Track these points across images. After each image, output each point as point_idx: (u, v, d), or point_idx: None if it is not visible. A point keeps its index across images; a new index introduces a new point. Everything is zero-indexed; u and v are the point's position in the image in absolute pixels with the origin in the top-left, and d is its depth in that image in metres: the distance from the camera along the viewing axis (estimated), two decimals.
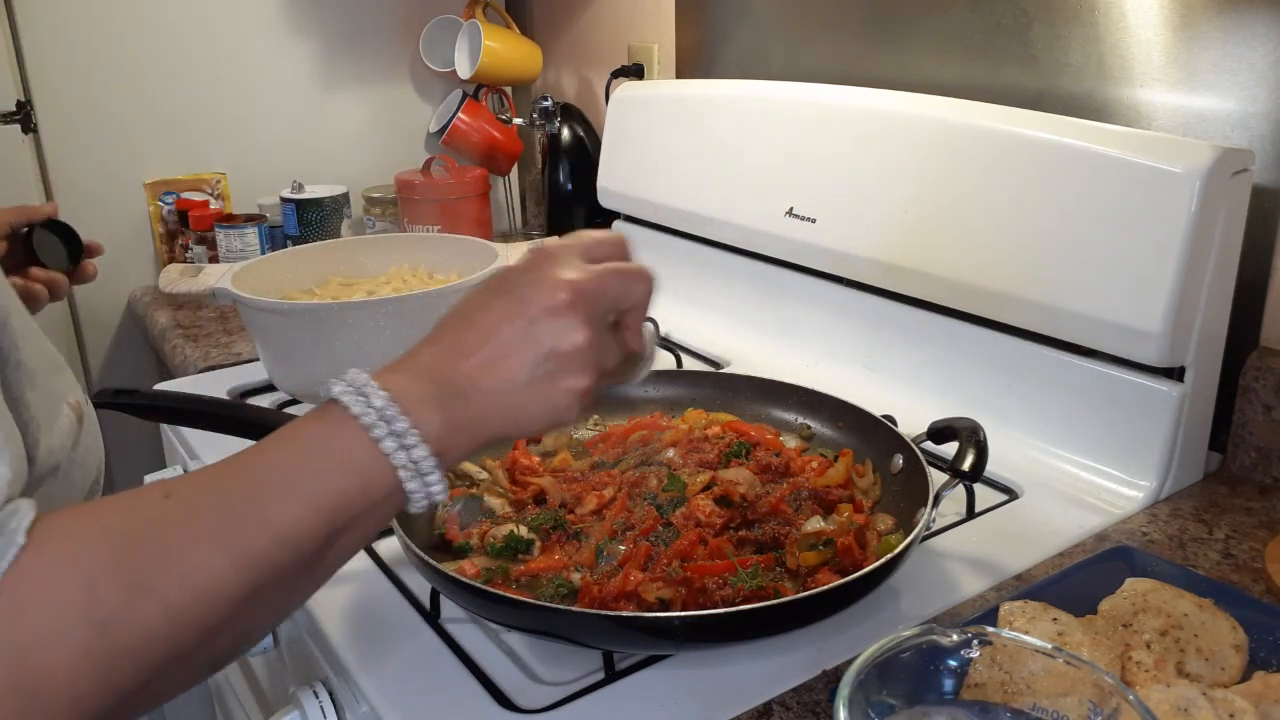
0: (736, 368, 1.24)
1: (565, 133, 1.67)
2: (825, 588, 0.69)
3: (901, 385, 1.12)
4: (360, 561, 0.86)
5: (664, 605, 0.71)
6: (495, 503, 0.87)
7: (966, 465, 0.79)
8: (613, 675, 0.71)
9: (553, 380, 0.57)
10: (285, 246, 1.56)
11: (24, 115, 1.62)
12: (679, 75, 1.62)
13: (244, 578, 0.47)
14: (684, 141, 1.39)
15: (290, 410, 1.10)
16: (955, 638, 0.56)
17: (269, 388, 1.21)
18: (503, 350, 0.56)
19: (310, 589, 0.54)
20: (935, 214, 1.06)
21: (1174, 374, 0.91)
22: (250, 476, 0.50)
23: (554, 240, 0.62)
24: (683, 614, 0.69)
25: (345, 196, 1.79)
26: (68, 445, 0.60)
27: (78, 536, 0.45)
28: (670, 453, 0.92)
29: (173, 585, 0.45)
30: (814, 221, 1.19)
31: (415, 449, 0.51)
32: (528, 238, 1.96)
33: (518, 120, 1.81)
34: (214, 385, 1.25)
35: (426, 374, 0.55)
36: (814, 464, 0.90)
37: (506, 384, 0.56)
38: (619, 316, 0.63)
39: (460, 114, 1.86)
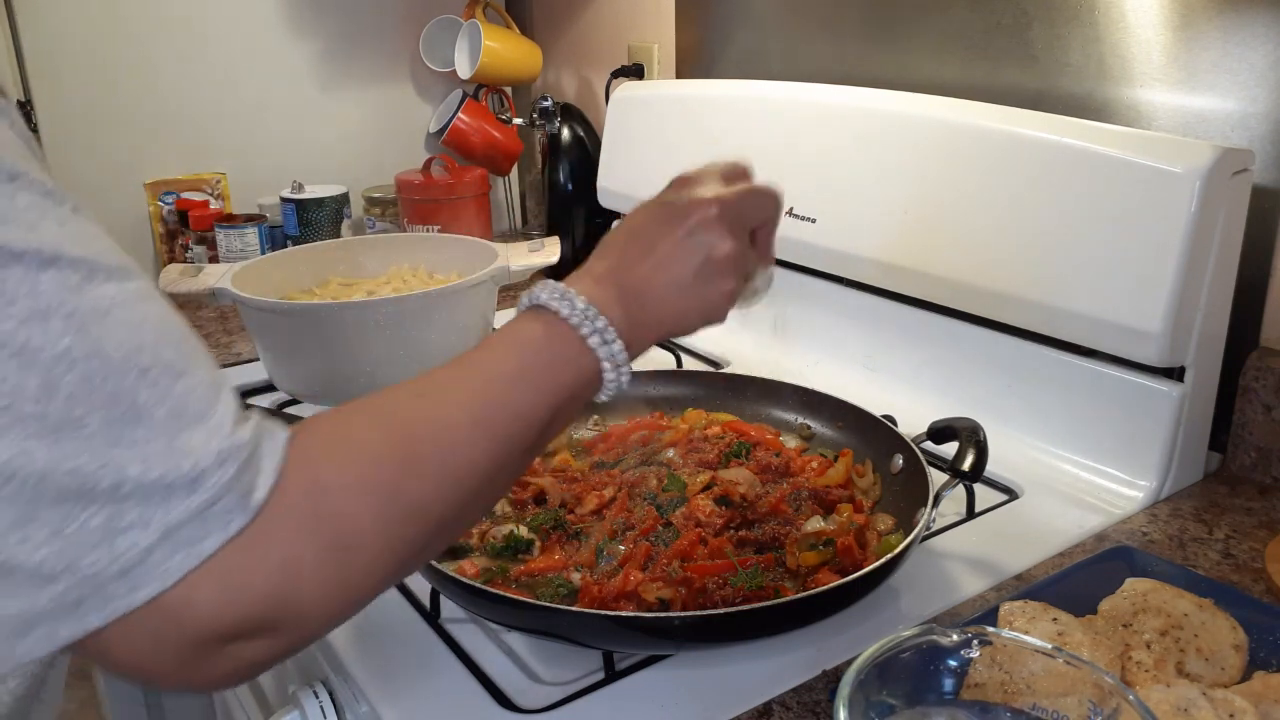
0: (736, 368, 1.24)
1: (565, 133, 1.67)
2: (825, 588, 0.69)
3: (901, 385, 1.12)
4: None
5: (664, 605, 0.71)
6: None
7: (966, 465, 0.79)
8: (613, 675, 0.71)
9: (709, 283, 0.65)
10: (285, 246, 1.56)
11: (24, 115, 1.62)
12: (679, 75, 1.62)
13: (495, 457, 0.54)
14: (684, 141, 1.39)
15: (290, 410, 1.10)
16: (955, 638, 0.56)
17: (269, 388, 1.21)
18: (667, 258, 0.64)
19: (530, 463, 0.61)
20: (935, 214, 1.06)
21: (1174, 374, 0.91)
22: (492, 373, 0.57)
23: (693, 168, 0.72)
24: (683, 614, 0.69)
25: (345, 196, 1.79)
26: None
27: (351, 427, 0.51)
28: (670, 453, 0.92)
29: (439, 464, 0.52)
30: (814, 221, 1.19)
31: (614, 344, 0.60)
32: (527, 238, 1.96)
33: (518, 120, 1.81)
34: None
35: (609, 280, 0.63)
36: (814, 464, 0.90)
37: (673, 287, 0.64)
38: (754, 230, 0.70)
39: (460, 114, 1.86)
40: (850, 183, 1.15)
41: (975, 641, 0.56)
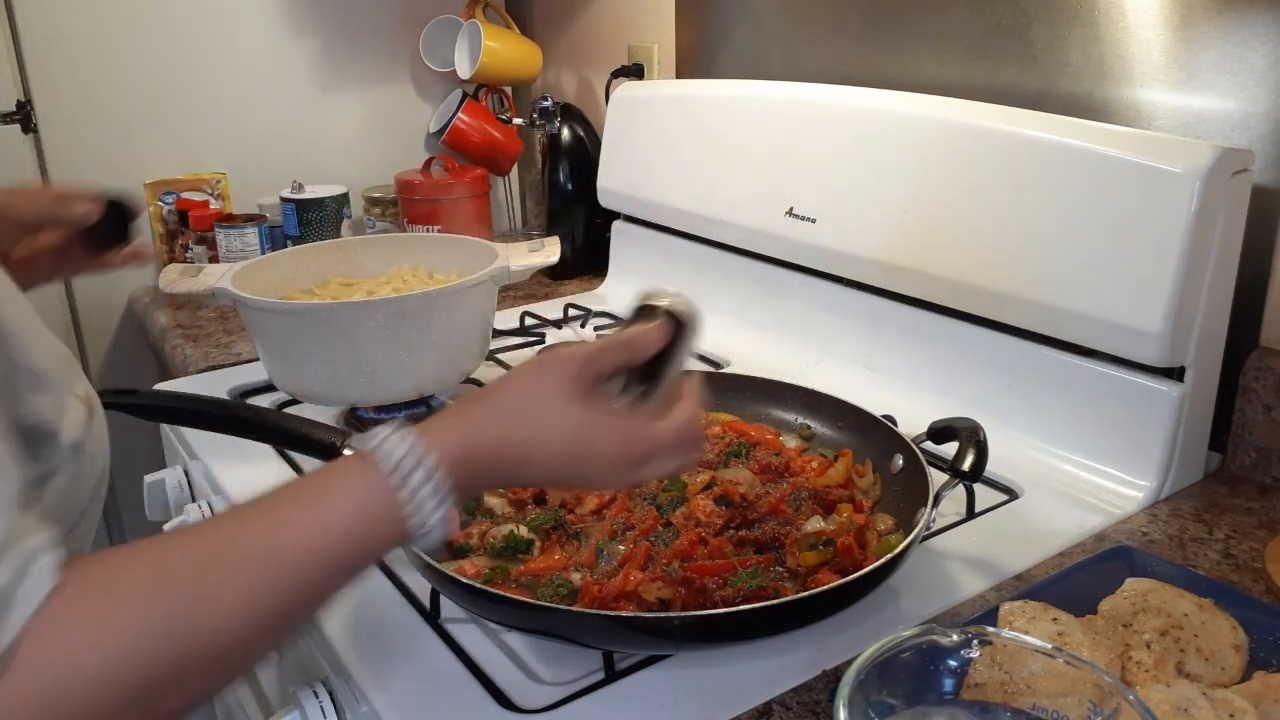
0: (736, 368, 1.24)
1: (565, 133, 1.67)
2: (825, 588, 0.69)
3: (901, 385, 1.12)
4: None
5: (664, 605, 0.71)
6: (495, 503, 0.87)
7: (966, 465, 0.79)
8: (613, 675, 0.71)
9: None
10: (285, 246, 1.56)
11: (24, 115, 1.62)
12: (679, 75, 1.62)
13: (270, 638, 0.52)
14: (684, 141, 1.39)
15: (290, 410, 1.10)
16: (955, 638, 0.56)
17: (269, 388, 1.21)
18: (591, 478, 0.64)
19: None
20: (935, 214, 1.06)
21: (1174, 374, 0.91)
22: (288, 557, 0.52)
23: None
24: (683, 614, 0.69)
25: (345, 196, 1.79)
26: (79, 436, 0.62)
27: (114, 577, 0.48)
28: None
29: (199, 627, 0.48)
30: (814, 221, 1.19)
31: (427, 503, 0.57)
32: (528, 238, 1.96)
33: (518, 120, 1.81)
34: (214, 385, 1.25)
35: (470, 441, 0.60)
36: (814, 464, 0.90)
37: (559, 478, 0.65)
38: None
39: (460, 114, 1.86)
40: (850, 183, 1.15)
41: (975, 641, 0.56)
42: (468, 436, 0.59)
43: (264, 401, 1.19)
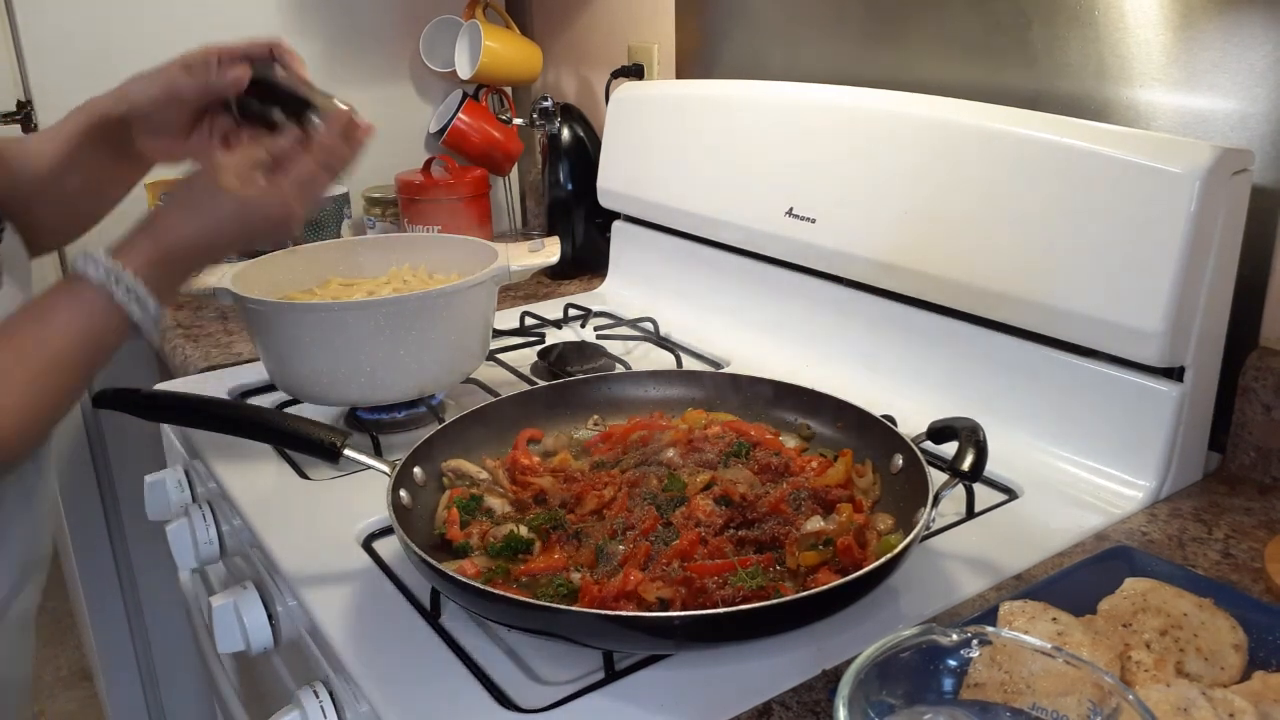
0: (736, 368, 1.24)
1: (565, 133, 1.67)
2: (825, 587, 0.69)
3: (901, 385, 1.12)
4: (360, 561, 0.86)
5: (664, 605, 0.71)
6: (495, 503, 0.87)
7: (966, 465, 0.79)
8: (613, 675, 0.71)
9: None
10: (285, 246, 1.56)
11: (24, 115, 1.62)
12: (679, 75, 1.62)
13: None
14: (684, 142, 1.39)
15: (290, 410, 1.10)
16: (955, 637, 0.56)
17: (269, 388, 1.21)
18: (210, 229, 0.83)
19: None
20: (935, 214, 1.06)
21: (1174, 374, 0.91)
22: (38, 363, 0.75)
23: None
24: (683, 614, 0.69)
25: (345, 196, 1.79)
26: None
27: None
28: (670, 453, 0.92)
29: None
30: (814, 221, 1.19)
31: (135, 290, 0.77)
32: (527, 238, 1.96)
33: (518, 120, 1.81)
34: (214, 385, 1.25)
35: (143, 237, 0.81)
36: (814, 464, 0.90)
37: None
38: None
39: (460, 114, 1.86)
40: (850, 183, 1.15)
41: (975, 641, 0.56)
42: (154, 250, 0.79)
43: (264, 401, 1.19)
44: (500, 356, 1.30)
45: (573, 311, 1.47)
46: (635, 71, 1.66)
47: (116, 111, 0.93)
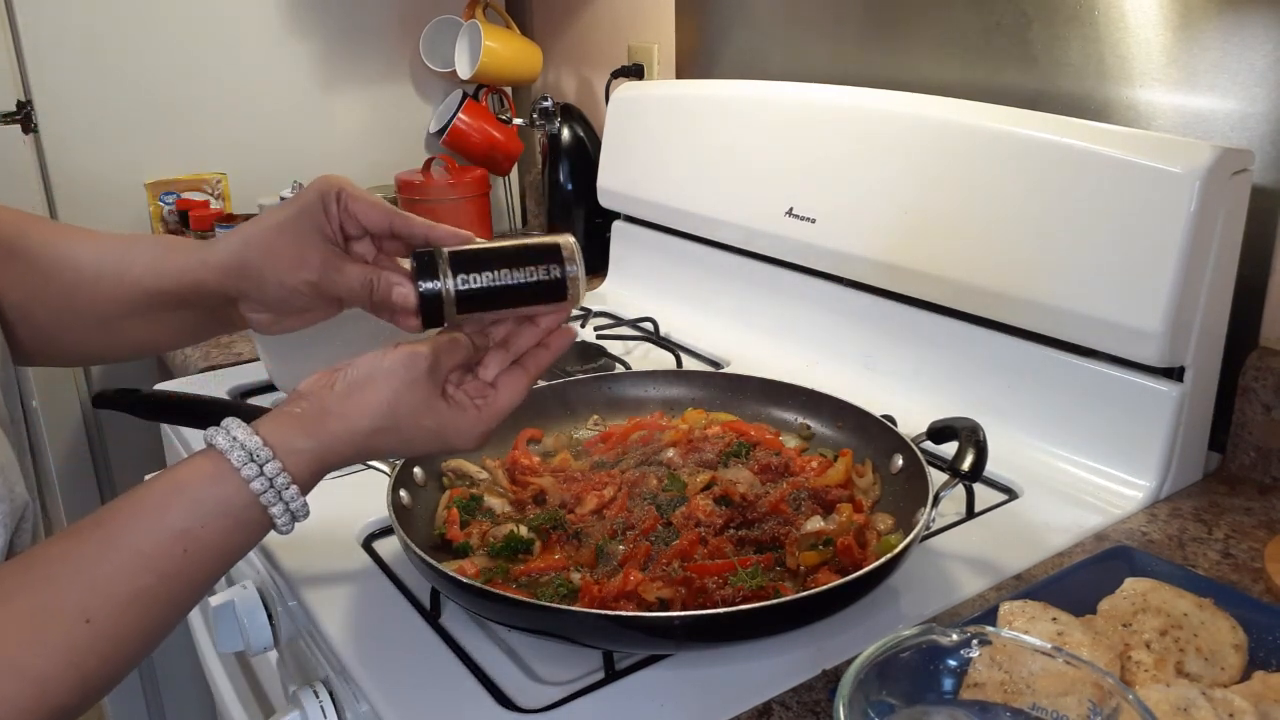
0: (736, 368, 1.24)
1: (565, 133, 1.67)
2: (825, 587, 0.69)
3: (901, 385, 1.12)
4: (360, 561, 0.86)
5: (664, 605, 0.71)
6: (495, 503, 0.87)
7: (966, 465, 0.79)
8: (613, 675, 0.71)
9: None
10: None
11: (24, 115, 1.62)
12: (679, 75, 1.62)
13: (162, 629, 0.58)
14: (684, 141, 1.39)
15: None
16: (955, 637, 0.56)
17: (269, 388, 1.21)
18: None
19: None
20: (935, 214, 1.06)
21: (1174, 374, 0.91)
22: (153, 551, 0.58)
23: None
24: (683, 614, 0.69)
25: None
26: None
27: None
28: (670, 453, 0.92)
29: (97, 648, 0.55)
30: (814, 221, 1.19)
31: (285, 489, 0.61)
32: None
33: (518, 120, 1.81)
34: (214, 385, 1.25)
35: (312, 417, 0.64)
36: (814, 464, 0.90)
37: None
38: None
39: (460, 114, 1.86)
40: (850, 183, 1.15)
41: (975, 641, 0.56)
42: (319, 461, 0.63)
43: (264, 401, 1.19)
44: None
45: (573, 311, 1.46)
46: (635, 71, 1.66)
47: (237, 289, 0.70)
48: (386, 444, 0.65)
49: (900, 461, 0.87)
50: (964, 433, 0.81)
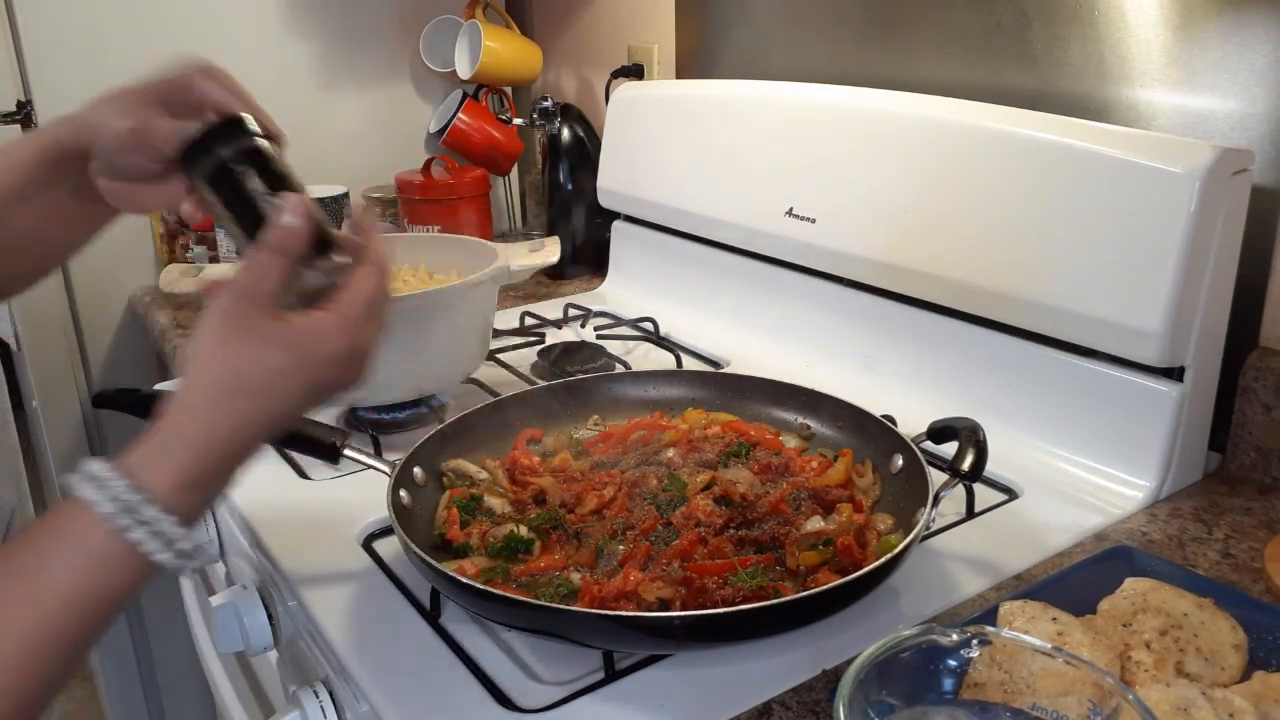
0: (736, 368, 1.24)
1: (565, 133, 1.67)
2: (825, 587, 0.69)
3: (901, 385, 1.12)
4: (360, 561, 0.86)
5: (664, 605, 0.71)
6: (495, 503, 0.87)
7: (966, 465, 0.79)
8: (613, 675, 0.71)
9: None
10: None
11: (24, 115, 1.62)
12: (679, 75, 1.62)
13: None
14: (684, 141, 1.39)
15: None
16: (955, 637, 0.56)
17: None
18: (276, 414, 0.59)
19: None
20: (935, 214, 1.06)
21: (1173, 374, 0.91)
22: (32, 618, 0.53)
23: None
24: (683, 614, 0.69)
25: (345, 196, 1.79)
26: None
27: None
28: (670, 453, 0.92)
29: None
30: (814, 221, 1.19)
31: (164, 529, 0.54)
32: (527, 238, 1.96)
33: (518, 120, 1.81)
34: None
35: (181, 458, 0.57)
36: (814, 464, 0.90)
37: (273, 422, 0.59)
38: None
39: (460, 114, 1.86)
40: (850, 183, 1.15)
41: (975, 641, 0.56)
42: (178, 464, 0.56)
43: None
44: (500, 356, 1.30)
45: (573, 311, 1.46)
46: (635, 71, 1.66)
47: (77, 143, 0.72)
48: (242, 405, 0.57)
49: (900, 461, 0.87)
50: (964, 433, 0.81)
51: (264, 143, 0.65)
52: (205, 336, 0.59)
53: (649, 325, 1.36)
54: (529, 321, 1.42)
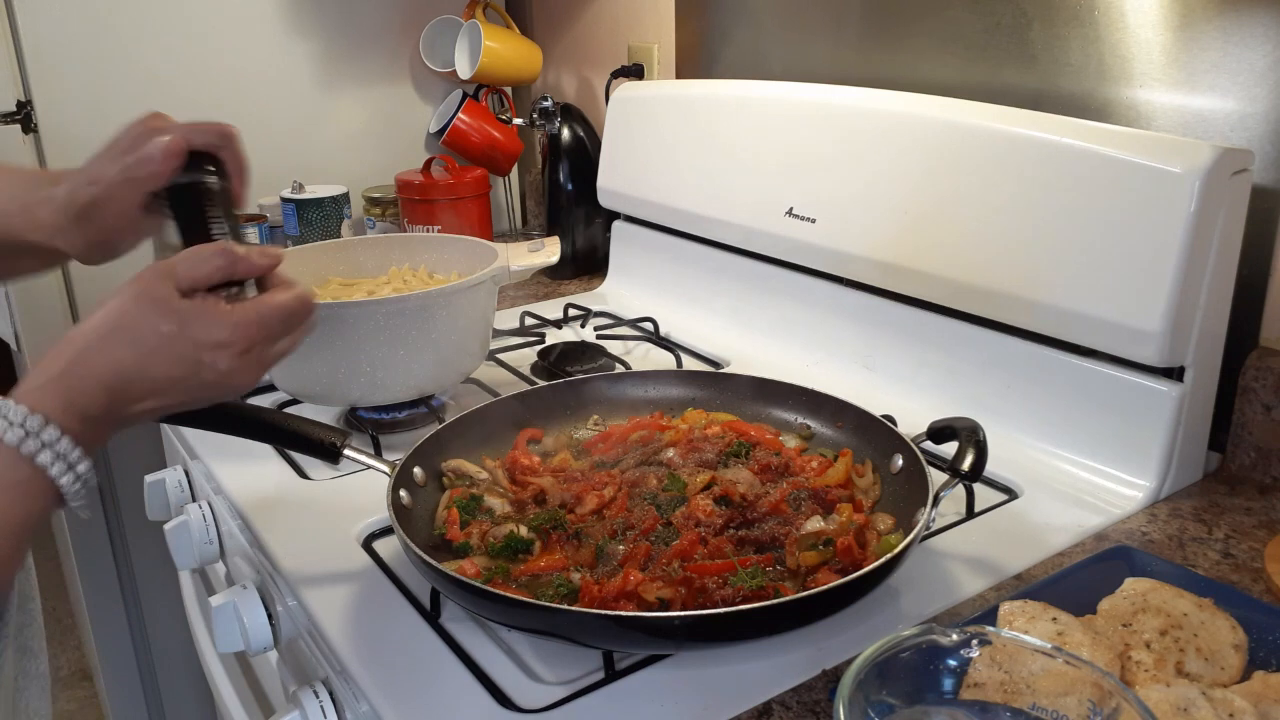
0: (736, 368, 1.24)
1: (565, 133, 1.67)
2: (825, 587, 0.69)
3: (901, 385, 1.12)
4: (360, 561, 0.86)
5: (664, 605, 0.71)
6: (495, 503, 0.87)
7: (966, 465, 0.79)
8: (613, 675, 0.71)
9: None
10: (285, 246, 1.56)
11: (24, 115, 1.62)
12: (679, 75, 1.62)
13: None
14: (684, 141, 1.39)
15: (290, 410, 1.10)
16: (955, 637, 0.56)
17: (269, 387, 1.21)
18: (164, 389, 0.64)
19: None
20: (935, 214, 1.06)
21: (1173, 374, 0.91)
22: None
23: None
24: (683, 614, 0.69)
25: (345, 196, 1.79)
26: None
27: None
28: (670, 453, 0.92)
29: None
30: (814, 221, 1.19)
31: (69, 454, 0.59)
32: (527, 238, 1.96)
33: (518, 120, 1.81)
34: None
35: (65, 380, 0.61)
36: (814, 464, 0.90)
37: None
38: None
39: (460, 114, 1.86)
40: (850, 183, 1.15)
41: (975, 641, 0.56)
42: (64, 389, 0.60)
43: (264, 401, 1.19)
44: (500, 356, 1.30)
45: (573, 311, 1.47)
46: (635, 71, 1.66)
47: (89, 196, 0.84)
48: (120, 352, 0.62)
49: (900, 461, 0.87)
50: (964, 433, 0.81)
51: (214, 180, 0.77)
52: (115, 293, 0.64)
53: (649, 325, 1.36)
54: (529, 321, 1.42)
